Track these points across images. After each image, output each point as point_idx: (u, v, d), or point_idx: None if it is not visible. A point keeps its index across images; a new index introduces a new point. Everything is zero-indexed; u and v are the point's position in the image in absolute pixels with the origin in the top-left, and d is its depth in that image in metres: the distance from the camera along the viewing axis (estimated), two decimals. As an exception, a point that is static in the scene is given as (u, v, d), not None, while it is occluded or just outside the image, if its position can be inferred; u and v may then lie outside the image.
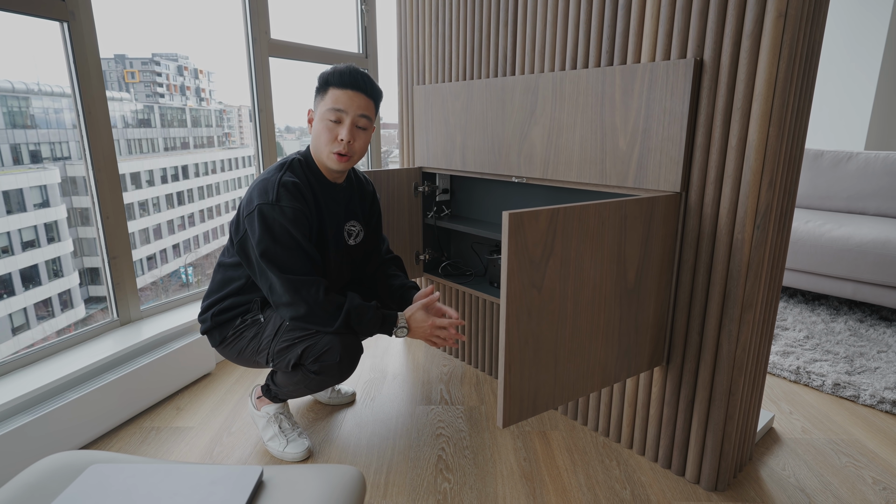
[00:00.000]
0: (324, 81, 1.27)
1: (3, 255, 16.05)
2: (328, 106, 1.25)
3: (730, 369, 1.18)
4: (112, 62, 28.29)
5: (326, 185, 1.33)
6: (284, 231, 1.19)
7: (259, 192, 1.22)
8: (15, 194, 13.03)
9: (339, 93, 1.25)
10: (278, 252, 1.19)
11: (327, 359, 1.23)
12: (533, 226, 0.95)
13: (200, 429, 1.50)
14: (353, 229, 1.41)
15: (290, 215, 1.20)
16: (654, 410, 1.34)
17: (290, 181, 1.22)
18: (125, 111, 27.52)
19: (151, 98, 27.43)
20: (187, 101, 32.91)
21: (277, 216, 1.19)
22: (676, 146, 1.14)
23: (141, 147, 27.48)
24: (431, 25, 1.79)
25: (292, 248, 1.20)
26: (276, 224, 1.19)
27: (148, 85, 27.33)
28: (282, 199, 1.20)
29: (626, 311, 1.16)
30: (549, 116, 1.40)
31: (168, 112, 26.90)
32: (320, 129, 1.27)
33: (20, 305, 16.05)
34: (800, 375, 1.82)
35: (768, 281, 1.18)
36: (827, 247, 2.31)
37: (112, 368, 1.52)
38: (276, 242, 1.19)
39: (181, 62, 29.14)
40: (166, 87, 27.81)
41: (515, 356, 1.00)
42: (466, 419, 1.56)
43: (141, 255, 21.88)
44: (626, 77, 1.20)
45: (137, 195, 22.31)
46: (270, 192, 1.20)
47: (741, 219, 1.10)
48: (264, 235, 1.19)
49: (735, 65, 1.06)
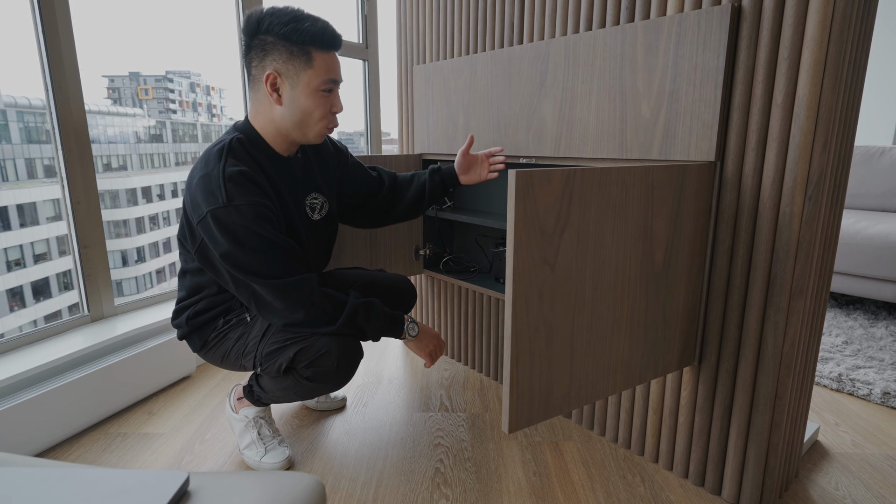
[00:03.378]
0: (300, 40, 1.01)
1: (16, 268, 16.17)
2: (323, 77, 1.04)
3: (776, 368, 1.00)
4: (126, 79, 28.91)
5: (279, 160, 1.12)
6: (250, 233, 0.98)
7: (204, 193, 0.99)
8: (29, 208, 13.26)
9: (328, 58, 1.05)
10: (251, 259, 0.99)
11: (323, 363, 1.06)
12: (545, 189, 0.80)
13: (171, 435, 1.34)
14: (315, 202, 1.22)
15: (251, 213, 0.98)
16: (685, 418, 1.16)
17: (235, 172, 0.99)
18: (138, 127, 27.94)
19: (164, 114, 27.89)
20: (199, 117, 33.47)
21: (236, 218, 0.97)
22: (710, 108, 0.99)
23: (153, 162, 27.84)
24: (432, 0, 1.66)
25: (265, 250, 0.99)
26: (237, 228, 0.97)
27: (161, 101, 27.85)
28: (234, 198, 0.98)
29: (653, 298, 1.00)
30: (560, 86, 1.25)
31: (180, 127, 27.32)
32: (311, 104, 1.05)
33: (30, 317, 16.09)
34: (843, 383, 1.63)
35: (820, 264, 1.01)
36: (863, 245, 2.12)
37: (77, 367, 1.38)
38: (245, 249, 0.98)
39: (193, 79, 29.69)
40: (178, 103, 28.31)
41: (524, 347, 0.83)
42: (468, 428, 1.39)
43: (150, 268, 22.00)
44: (650, 33, 1.06)
45: (148, 209, 22.52)
46: (218, 193, 0.98)
47: (789, 189, 0.93)
48: (229, 244, 0.98)
49: (780, 7, 0.91)
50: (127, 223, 20.28)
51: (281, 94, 1.05)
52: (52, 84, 1.38)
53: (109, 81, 31.93)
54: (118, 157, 23.54)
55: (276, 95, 1.05)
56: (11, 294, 15.63)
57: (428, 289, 1.89)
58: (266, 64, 1.03)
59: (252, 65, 1.06)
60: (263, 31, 1.02)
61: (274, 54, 1.02)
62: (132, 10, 35.17)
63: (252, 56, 1.05)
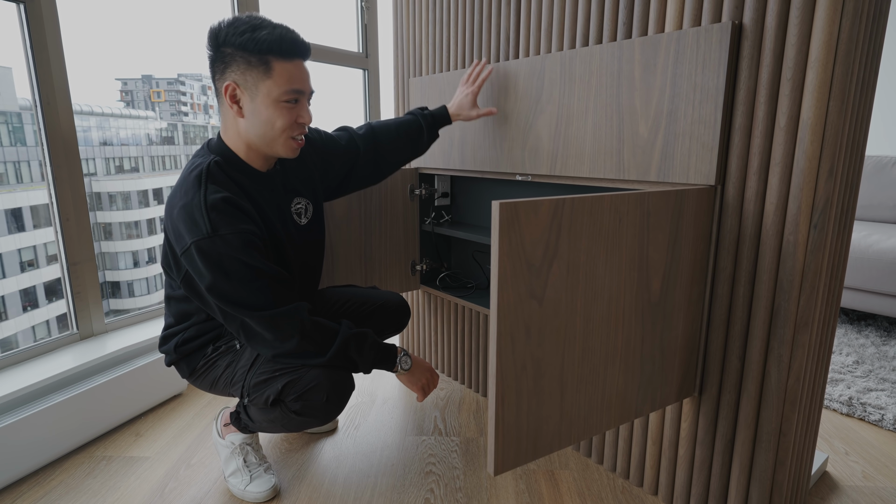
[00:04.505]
0: (258, 48, 0.95)
1: (29, 268, 16.36)
2: (283, 87, 0.98)
3: (780, 403, 0.95)
4: (139, 82, 29.20)
5: (259, 177, 1.07)
6: (237, 263, 0.94)
7: (186, 224, 0.94)
8: (43, 209, 13.46)
9: (290, 67, 0.98)
10: (238, 290, 0.95)
11: (312, 397, 1.02)
12: (531, 220, 0.75)
13: (157, 459, 1.32)
14: (299, 207, 1.18)
15: (237, 242, 0.94)
16: (685, 450, 1.11)
17: (217, 199, 0.95)
18: (150, 129, 28.19)
19: (176, 116, 28.12)
20: (210, 119, 33.78)
21: (222, 249, 0.93)
22: (710, 129, 0.94)
23: (164, 164, 28.07)
24: (428, 12, 1.63)
25: (252, 279, 0.95)
26: (223, 259, 0.93)
27: (173, 104, 28.08)
28: (218, 228, 0.93)
29: (649, 329, 0.95)
30: (556, 103, 1.21)
31: (191, 130, 27.52)
32: (273, 115, 0.99)
33: (43, 318, 16.28)
34: (853, 407, 1.57)
35: (826, 294, 0.96)
36: (875, 260, 2.05)
37: (64, 388, 1.35)
38: (232, 280, 0.94)
39: (205, 81, 29.88)
40: (190, 105, 28.53)
41: (510, 385, 0.79)
42: (462, 454, 1.35)
43: (161, 269, 22.17)
44: (648, 50, 1.01)
45: (159, 211, 22.68)
46: (202, 223, 0.93)
47: (793, 216, 0.88)
48: (215, 276, 0.94)
49: (783, 27, 0.86)
50: (138, 224, 20.46)
51: (242, 107, 1.00)
52: (39, 100, 1.36)
53: (123, 84, 32.23)
54: (130, 158, 23.78)
55: (236, 108, 1.00)
56: (24, 293, 15.81)
57: (424, 305, 1.85)
58: (226, 76, 0.99)
59: (215, 78, 1.02)
60: (222, 42, 0.97)
61: (233, 66, 0.98)
62: (145, 13, 35.53)
63: (215, 69, 1.01)
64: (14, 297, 16.26)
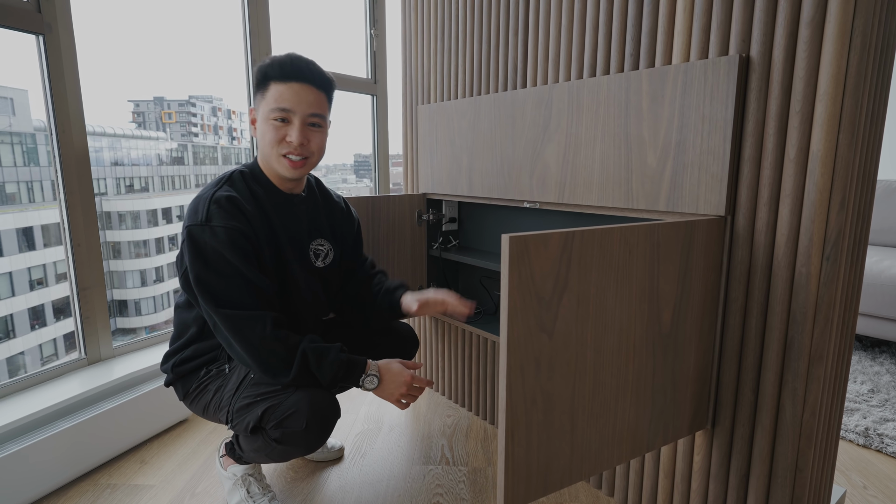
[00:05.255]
0: (262, 75, 1.07)
1: (38, 287, 16.51)
2: (271, 105, 1.05)
3: (796, 438, 0.93)
4: (151, 104, 29.78)
5: (280, 196, 1.13)
6: (218, 256, 0.99)
7: (190, 211, 1.04)
8: (54, 228, 13.63)
9: (283, 88, 1.05)
10: (212, 280, 0.99)
11: (291, 425, 0.99)
12: (541, 253, 0.75)
13: (161, 487, 1.30)
14: (320, 249, 1.21)
15: (224, 237, 0.99)
16: (698, 484, 1.09)
17: (223, 196, 1.03)
18: (161, 150, 28.69)
19: (186, 137, 28.59)
20: (220, 140, 34.33)
21: (208, 238, 0.99)
22: (719, 160, 0.94)
23: (174, 183, 28.47)
24: (437, 40, 1.66)
25: (228, 276, 0.99)
26: (207, 248, 0.99)
27: (183, 125, 28.58)
28: (213, 219, 1.00)
29: (660, 361, 0.94)
30: (564, 132, 1.22)
31: (201, 150, 27.95)
32: (265, 130, 1.07)
33: (50, 336, 16.35)
34: (870, 438, 1.53)
35: (840, 325, 0.94)
36: (887, 286, 2.02)
37: (71, 413, 1.35)
38: (209, 268, 0.99)
39: (215, 103, 30.48)
40: (200, 126, 29.03)
41: (520, 419, 0.78)
42: (469, 484, 1.32)
43: (168, 288, 22.26)
44: (655, 81, 1.02)
45: (168, 230, 22.93)
46: (200, 212, 1.02)
47: (805, 248, 0.88)
48: (195, 261, 1.00)
49: (791, 60, 0.86)
50: (147, 243, 20.63)
51: (256, 128, 1.12)
52: (55, 126, 1.39)
53: (135, 106, 32.85)
54: (140, 178, 24.10)
55: (253, 129, 1.13)
56: (33, 312, 15.91)
57: (432, 331, 1.84)
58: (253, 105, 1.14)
59: None
60: None
61: (254, 95, 1.11)
62: (157, 36, 36.33)
63: None
64: (23, 315, 16.35)
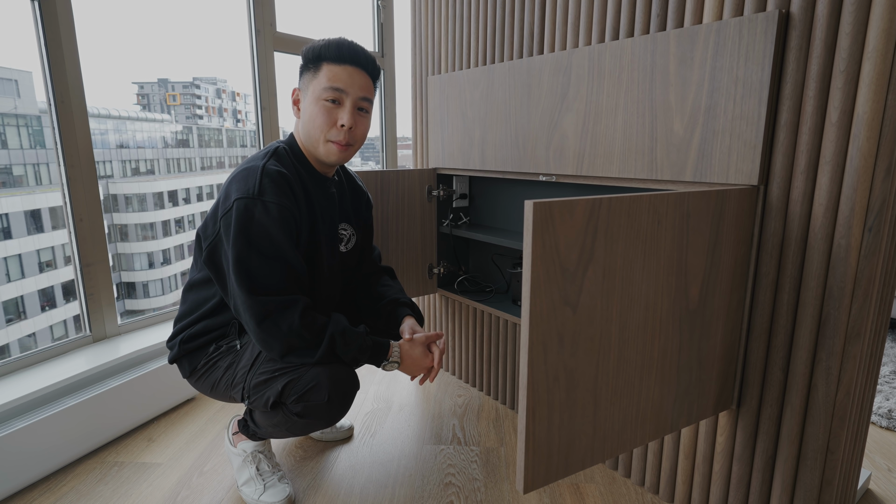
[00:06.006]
0: (315, 56, 1.04)
1: (48, 269, 16.71)
2: (324, 84, 1.02)
3: (828, 419, 0.89)
4: (155, 86, 29.52)
5: (318, 178, 1.11)
6: (264, 234, 0.96)
7: (239, 183, 0.98)
8: (61, 210, 13.77)
9: (338, 69, 1.03)
10: (252, 260, 0.95)
11: (313, 398, 0.99)
12: (566, 221, 0.70)
13: (169, 466, 1.28)
14: (344, 233, 1.19)
15: (276, 213, 0.96)
16: (720, 466, 1.05)
17: (275, 171, 0.99)
18: (166, 132, 28.59)
19: (191, 119, 28.40)
20: (224, 123, 33.98)
21: (259, 214, 0.95)
22: (753, 126, 0.88)
23: (179, 166, 28.43)
24: (448, 7, 1.58)
25: (270, 258, 0.96)
26: (255, 224, 0.95)
27: (188, 107, 28.35)
28: (265, 193, 0.97)
29: (686, 338, 0.89)
30: (584, 100, 1.16)
31: (206, 133, 27.79)
32: (315, 112, 1.04)
33: (61, 318, 16.59)
34: (893, 420, 1.49)
35: (879, 302, 0.89)
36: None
37: (76, 391, 1.33)
38: (252, 247, 0.95)
39: (220, 85, 30.18)
40: (205, 108, 28.79)
41: (542, 398, 0.74)
42: (482, 465, 1.29)
43: (175, 270, 22.41)
44: (684, 43, 0.96)
45: (174, 212, 23.00)
46: (252, 184, 0.97)
47: (845, 219, 0.82)
48: (239, 237, 0.95)
49: (836, 15, 0.80)
50: (154, 226, 20.70)
51: (300, 108, 1.09)
52: (54, 99, 1.34)
53: (139, 88, 32.56)
54: (146, 161, 24.00)
55: (295, 109, 1.10)
56: (43, 294, 16.06)
57: (442, 309, 1.80)
58: (298, 84, 1.10)
59: None
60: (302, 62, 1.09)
61: (301, 75, 1.08)
62: (161, 18, 36.10)
63: None
64: (33, 297, 16.47)
